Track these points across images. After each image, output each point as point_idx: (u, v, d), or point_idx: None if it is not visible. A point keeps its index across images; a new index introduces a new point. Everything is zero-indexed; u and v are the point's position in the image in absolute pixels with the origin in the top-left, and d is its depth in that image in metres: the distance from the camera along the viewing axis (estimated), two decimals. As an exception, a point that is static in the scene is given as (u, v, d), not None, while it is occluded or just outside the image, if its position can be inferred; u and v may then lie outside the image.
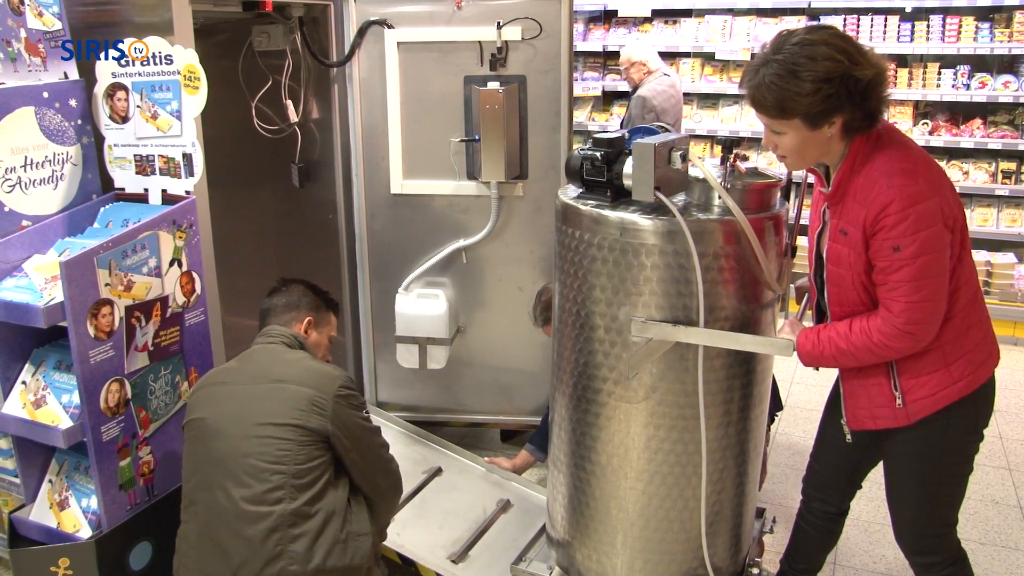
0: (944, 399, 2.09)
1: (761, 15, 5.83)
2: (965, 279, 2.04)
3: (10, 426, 2.51)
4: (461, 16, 3.24)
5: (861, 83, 1.88)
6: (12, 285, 2.44)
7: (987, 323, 2.13)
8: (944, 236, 1.92)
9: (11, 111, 2.45)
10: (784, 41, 1.91)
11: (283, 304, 2.57)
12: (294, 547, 2.19)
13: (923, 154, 2.00)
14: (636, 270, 2.20)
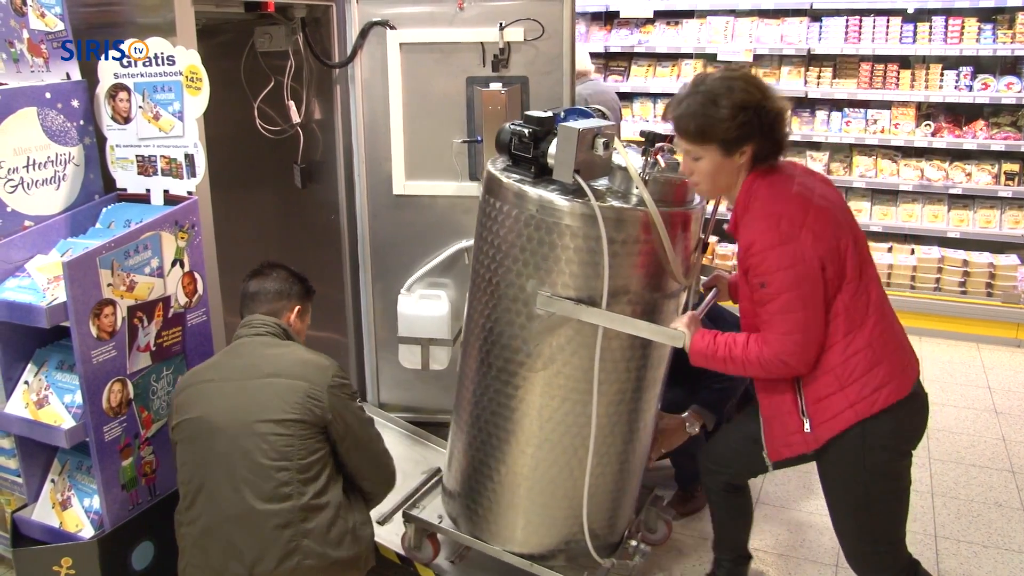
0: (843, 421, 2.20)
1: (763, 16, 5.83)
2: (847, 308, 2.17)
3: (13, 426, 2.52)
4: (463, 17, 3.24)
5: (771, 114, 2.11)
6: (15, 285, 2.45)
7: (888, 349, 2.21)
8: (806, 275, 2.10)
9: (14, 112, 2.46)
10: (705, 77, 2.14)
11: (274, 291, 2.52)
12: (308, 541, 2.21)
13: (796, 198, 2.16)
14: (548, 247, 2.30)
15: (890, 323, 2.26)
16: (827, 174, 5.65)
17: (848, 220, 2.23)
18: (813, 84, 5.68)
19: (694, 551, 3.23)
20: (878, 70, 5.53)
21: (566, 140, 2.23)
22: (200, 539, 2.25)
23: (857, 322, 2.18)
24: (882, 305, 2.24)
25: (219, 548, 2.22)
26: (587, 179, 2.27)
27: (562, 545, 2.66)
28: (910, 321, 5.34)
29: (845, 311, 2.17)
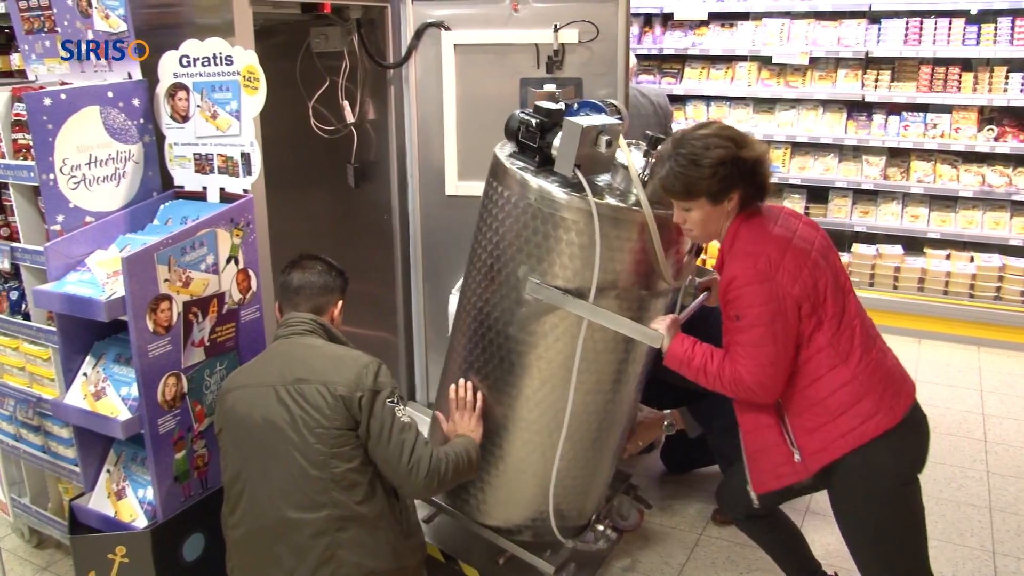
0: (836, 451, 2.26)
1: (820, 18, 5.73)
2: (831, 343, 2.25)
3: (71, 416, 2.58)
4: (518, 19, 3.24)
5: (748, 163, 2.21)
6: (75, 279, 2.50)
7: (875, 380, 2.26)
8: (780, 312, 2.20)
9: (77, 110, 2.52)
10: (683, 138, 2.23)
11: (320, 286, 2.47)
12: (343, 551, 2.19)
13: (776, 239, 2.26)
14: (543, 236, 2.37)
15: (877, 354, 2.31)
16: (883, 179, 5.58)
17: (829, 260, 2.32)
18: (871, 87, 5.58)
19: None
20: (939, 73, 5.41)
21: (570, 135, 2.29)
22: (242, 543, 2.28)
23: (842, 356, 2.25)
24: (868, 338, 2.31)
25: (260, 553, 2.23)
26: (589, 174, 2.32)
27: (528, 522, 2.74)
28: (968, 331, 5.26)
29: (829, 346, 2.25)
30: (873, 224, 5.68)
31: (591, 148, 2.32)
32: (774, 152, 5.94)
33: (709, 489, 3.59)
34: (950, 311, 5.30)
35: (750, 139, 2.26)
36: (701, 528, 3.35)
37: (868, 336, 2.31)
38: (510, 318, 2.49)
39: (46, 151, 2.46)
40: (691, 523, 3.38)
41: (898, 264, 5.50)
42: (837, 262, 2.36)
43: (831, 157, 5.83)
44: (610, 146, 2.34)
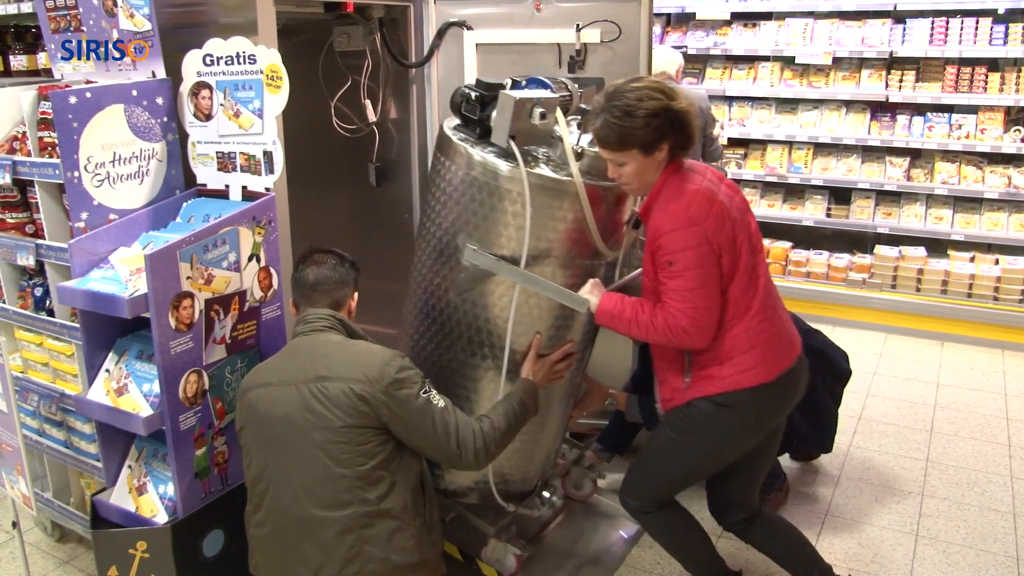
0: (713, 389, 2.43)
1: (844, 18, 5.69)
2: (735, 296, 2.38)
3: (94, 412, 2.60)
4: (540, 18, 3.23)
5: (679, 114, 2.30)
6: (99, 276, 2.52)
7: (763, 338, 2.41)
8: (709, 256, 2.30)
9: (102, 108, 2.53)
10: (616, 91, 2.31)
11: (336, 281, 2.45)
12: (370, 547, 2.19)
13: (701, 190, 2.35)
14: (488, 207, 2.44)
15: (772, 315, 2.46)
16: (907, 180, 5.53)
17: (746, 219, 2.44)
18: (895, 88, 5.53)
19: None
20: (964, 73, 5.35)
21: (504, 107, 2.38)
22: (267, 541, 2.27)
23: (742, 310, 2.39)
24: (767, 298, 2.45)
25: (285, 551, 2.23)
26: (525, 146, 2.43)
27: (473, 485, 2.79)
28: (992, 334, 5.21)
29: (733, 299, 2.38)
30: (896, 226, 5.63)
31: (526, 120, 2.40)
32: (796, 153, 5.90)
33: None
34: (974, 314, 5.25)
35: (679, 92, 2.35)
36: (720, 532, 3.33)
37: (769, 296, 2.46)
38: (451, 285, 2.56)
39: (71, 149, 2.48)
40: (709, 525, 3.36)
41: (921, 266, 5.45)
42: (753, 223, 2.48)
43: (854, 158, 5.78)
44: (544, 118, 2.42)
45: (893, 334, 5.45)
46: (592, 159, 2.45)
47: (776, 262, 5.88)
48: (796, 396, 2.57)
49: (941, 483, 3.67)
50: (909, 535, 3.29)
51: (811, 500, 3.54)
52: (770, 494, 3.37)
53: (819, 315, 5.43)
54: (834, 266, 5.72)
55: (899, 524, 3.37)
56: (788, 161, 5.93)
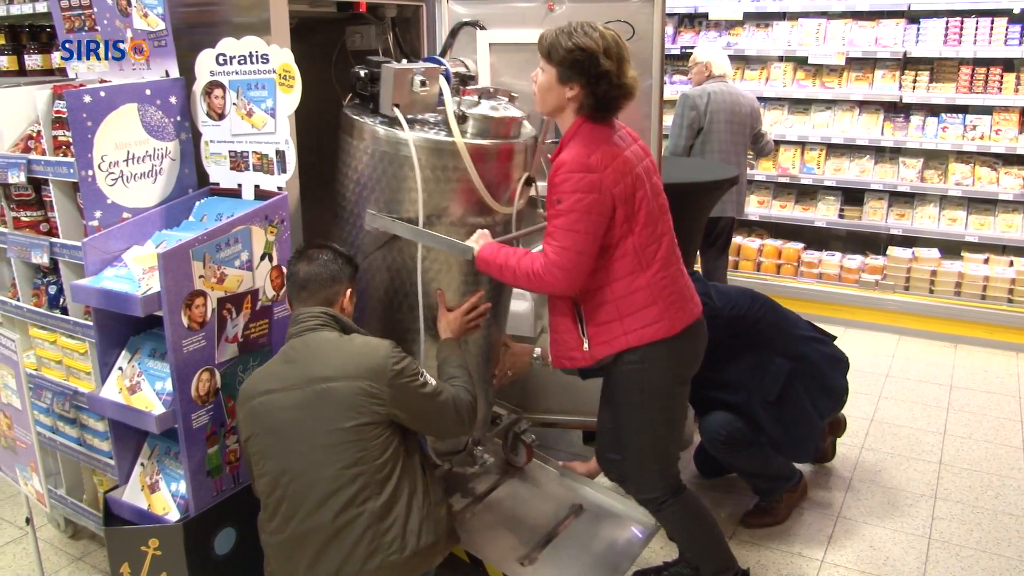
0: (617, 346, 2.50)
1: (857, 18, 5.67)
2: (636, 249, 2.45)
3: (107, 409, 2.61)
4: (553, 18, 3.23)
5: (599, 68, 2.36)
6: (112, 275, 2.53)
7: (665, 293, 2.49)
8: (597, 205, 2.36)
9: (116, 108, 2.55)
10: (586, 22, 2.44)
11: (328, 277, 2.42)
12: (387, 538, 2.21)
13: (612, 144, 2.43)
14: (382, 173, 2.62)
15: (674, 273, 2.54)
16: (920, 182, 5.51)
17: (651, 180, 2.52)
18: (908, 88, 5.50)
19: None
20: (979, 74, 5.32)
21: (385, 79, 2.57)
22: (284, 547, 2.26)
23: (643, 265, 2.46)
24: (670, 257, 2.53)
25: (304, 555, 2.23)
26: (411, 113, 2.62)
27: None
28: (1007, 336, 5.18)
29: (634, 252, 2.45)
30: (909, 227, 5.61)
31: (408, 89, 2.59)
32: (809, 153, 5.88)
33: (740, 492, 3.57)
34: (988, 316, 5.22)
35: (624, 64, 2.41)
36: (731, 532, 3.32)
37: (671, 255, 2.54)
38: (360, 249, 2.72)
39: (85, 148, 2.49)
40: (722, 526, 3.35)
41: (934, 268, 5.42)
42: (659, 184, 2.57)
43: (867, 159, 5.76)
44: (424, 85, 2.61)
45: (906, 336, 5.43)
46: (480, 121, 2.63)
47: (788, 263, 5.86)
48: (701, 343, 2.66)
49: (954, 486, 3.65)
50: (922, 538, 3.27)
51: (822, 502, 3.53)
52: (784, 492, 3.35)
53: (831, 316, 5.42)
54: (846, 267, 5.70)
55: (911, 527, 3.35)
56: (801, 162, 5.91)
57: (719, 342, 2.86)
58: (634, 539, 3.14)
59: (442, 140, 2.57)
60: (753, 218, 6.05)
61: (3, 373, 2.62)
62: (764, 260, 5.93)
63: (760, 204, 6.07)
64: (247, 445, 2.34)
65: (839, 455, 3.87)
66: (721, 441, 3.19)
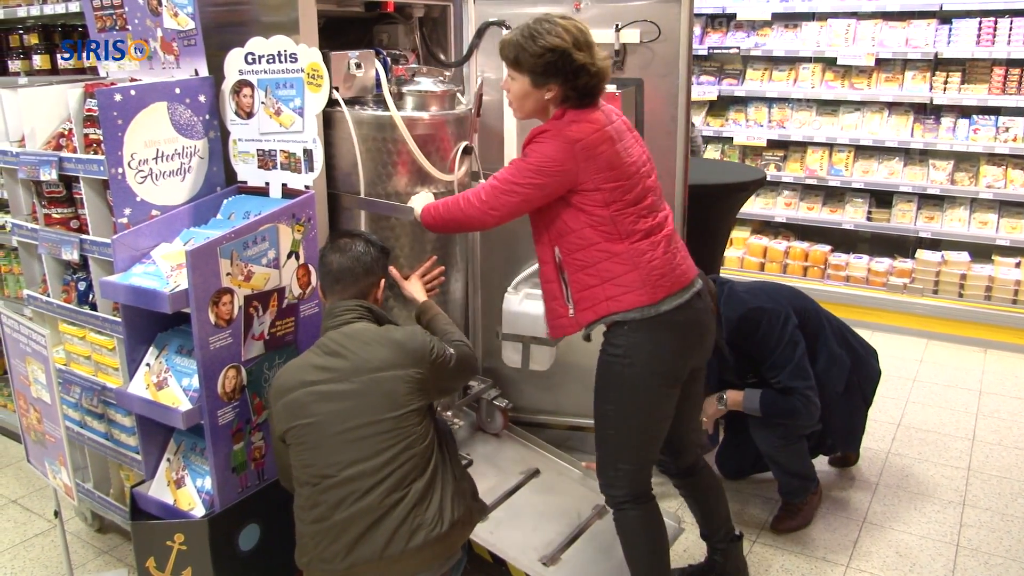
0: (601, 310, 2.47)
1: (887, 19, 5.61)
2: (614, 218, 2.42)
3: (134, 405, 2.63)
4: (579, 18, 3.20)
5: (574, 64, 2.36)
6: (141, 271, 2.56)
7: (644, 260, 2.44)
8: (542, 177, 2.38)
9: (146, 106, 2.57)
10: (544, 17, 2.43)
11: (362, 270, 2.45)
12: (428, 515, 2.27)
13: (597, 123, 2.41)
14: (331, 148, 2.81)
15: (664, 245, 2.49)
16: (950, 184, 5.44)
17: (638, 158, 2.50)
18: (939, 89, 5.44)
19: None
20: (1012, 75, 5.25)
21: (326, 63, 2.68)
22: (328, 534, 2.26)
23: (623, 233, 2.43)
24: (660, 230, 2.49)
25: (348, 537, 2.24)
26: (354, 94, 2.80)
27: None
28: (1041, 341, 5.12)
29: (611, 221, 2.42)
30: (939, 230, 5.55)
31: (346, 72, 2.74)
32: (837, 155, 5.83)
33: (764, 495, 3.54)
34: (1019, 321, 5.15)
35: (594, 49, 2.41)
36: (755, 534, 3.30)
37: (663, 229, 2.51)
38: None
39: (115, 146, 2.51)
40: (745, 529, 3.33)
41: (964, 271, 5.35)
42: (649, 163, 2.56)
43: (896, 161, 5.70)
44: (360, 67, 2.78)
45: (934, 340, 5.36)
46: (415, 97, 2.89)
47: (815, 265, 5.81)
48: (695, 334, 2.56)
49: (983, 493, 3.60)
50: (949, 545, 3.23)
51: (848, 507, 3.50)
52: (805, 498, 3.33)
53: (858, 320, 5.36)
54: (874, 270, 5.64)
55: (939, 534, 3.31)
56: (829, 164, 5.86)
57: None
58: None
59: (380, 115, 2.79)
60: (780, 220, 6.01)
61: (33, 368, 2.65)
62: (791, 262, 5.89)
63: (787, 206, 6.02)
64: (285, 437, 2.34)
65: (865, 460, 3.83)
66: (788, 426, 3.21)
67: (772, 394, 3.13)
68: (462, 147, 2.99)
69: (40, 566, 3.18)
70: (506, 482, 3.22)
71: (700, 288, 2.57)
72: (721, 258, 4.81)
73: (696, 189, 3.46)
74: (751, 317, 3.14)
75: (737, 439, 3.53)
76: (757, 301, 3.17)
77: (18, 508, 3.56)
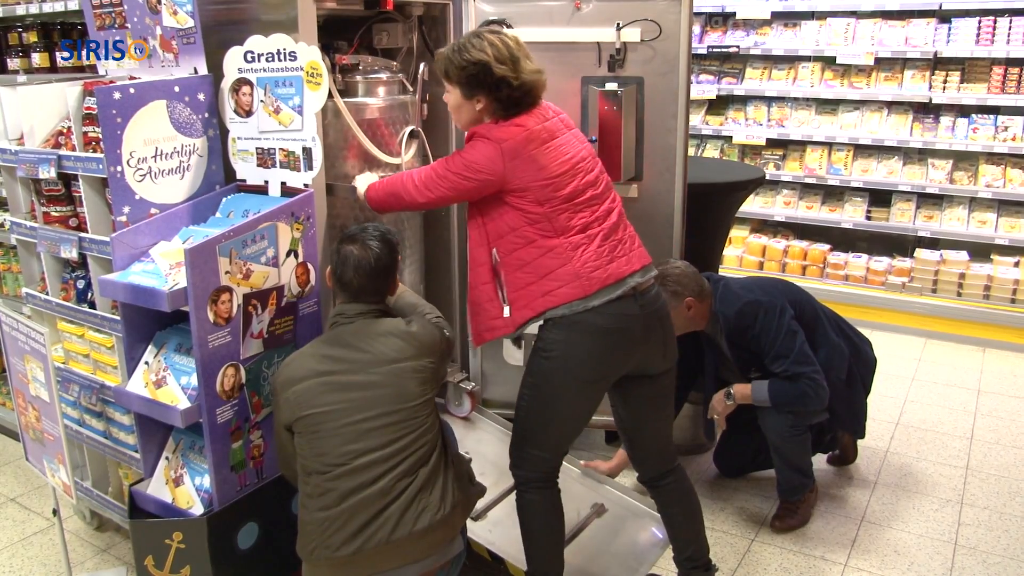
0: (537, 307, 2.51)
1: (887, 18, 5.61)
2: (548, 215, 2.47)
3: (133, 403, 2.63)
4: (580, 16, 3.22)
5: (493, 76, 2.45)
6: (140, 270, 2.55)
7: (579, 252, 2.47)
8: (469, 173, 2.48)
9: (145, 104, 2.56)
10: (473, 33, 2.55)
11: (383, 269, 2.47)
12: (432, 497, 2.33)
13: (518, 134, 2.47)
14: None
15: (596, 241, 2.50)
16: (949, 183, 5.44)
17: (578, 155, 2.54)
18: (939, 88, 5.44)
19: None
20: (1012, 74, 5.25)
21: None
22: (336, 520, 2.27)
23: (558, 230, 2.48)
24: (600, 225, 2.52)
25: (356, 525, 2.26)
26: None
27: None
28: (1038, 340, 5.12)
29: (547, 217, 2.48)
30: (938, 229, 5.55)
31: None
32: (836, 154, 5.83)
33: (762, 493, 3.55)
34: (1018, 320, 5.15)
35: (520, 63, 2.47)
36: (754, 533, 3.31)
37: (605, 223, 2.53)
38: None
39: (114, 144, 2.51)
40: (743, 528, 3.34)
41: (963, 271, 5.36)
42: (591, 162, 2.57)
43: (895, 160, 5.70)
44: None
45: (933, 339, 5.37)
46: (361, 84, 3.00)
47: (814, 264, 5.81)
48: (623, 338, 2.52)
49: (981, 492, 3.61)
50: (947, 544, 3.24)
51: (846, 505, 3.50)
52: (802, 495, 3.33)
53: (857, 318, 5.34)
54: (873, 269, 5.65)
55: (937, 532, 3.31)
56: (828, 163, 5.86)
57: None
58: (655, 540, 3.13)
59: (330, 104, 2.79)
60: (779, 219, 6.01)
61: (32, 366, 2.65)
62: (789, 261, 5.89)
63: (786, 205, 6.02)
64: (293, 426, 2.35)
65: (863, 458, 3.83)
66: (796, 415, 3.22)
67: (779, 383, 3.15)
68: (408, 131, 3.07)
69: (39, 564, 3.18)
70: (504, 481, 3.22)
71: (644, 284, 2.55)
72: (720, 257, 4.80)
73: (695, 188, 3.46)
74: (747, 311, 3.15)
75: (735, 436, 3.53)
76: (752, 295, 3.19)
77: (17, 506, 3.56)
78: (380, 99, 3.03)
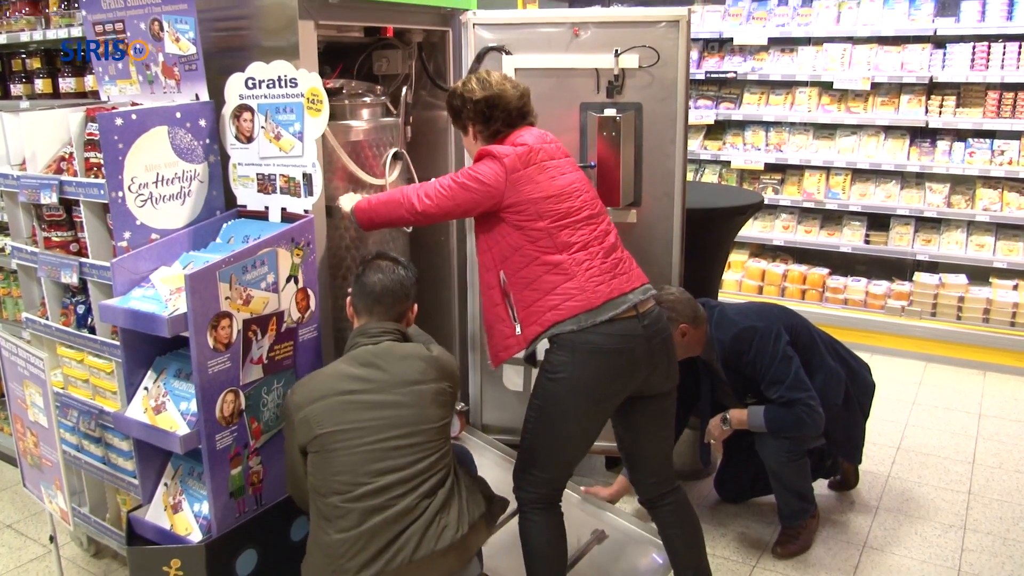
0: (545, 323, 2.56)
1: (883, 43, 5.65)
2: (549, 231, 2.57)
3: (132, 429, 2.62)
4: (579, 43, 3.24)
5: (470, 101, 2.68)
6: (140, 295, 2.55)
7: (583, 267, 2.56)
8: (473, 183, 2.59)
9: (147, 130, 2.58)
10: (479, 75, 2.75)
11: (403, 295, 2.56)
12: (451, 517, 2.34)
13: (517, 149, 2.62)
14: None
15: (599, 258, 2.59)
16: (947, 207, 5.47)
17: (572, 174, 2.67)
18: (935, 113, 5.47)
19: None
20: (1007, 98, 5.28)
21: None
22: (357, 542, 2.26)
23: (559, 247, 2.57)
24: (602, 243, 2.62)
25: (377, 546, 2.26)
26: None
27: None
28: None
29: (548, 233, 2.57)
30: (936, 253, 5.56)
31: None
32: (834, 178, 5.85)
33: (764, 519, 3.53)
34: (1017, 343, 5.15)
35: (494, 85, 2.68)
36: (755, 559, 3.28)
37: (605, 242, 2.63)
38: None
39: (116, 169, 2.52)
40: (744, 554, 3.32)
41: (962, 294, 5.36)
42: (585, 187, 2.69)
43: (893, 184, 5.72)
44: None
45: (933, 363, 5.36)
46: (348, 107, 3.07)
47: (813, 288, 5.82)
48: (626, 359, 2.56)
49: (984, 517, 3.59)
50: (951, 570, 3.22)
51: (848, 531, 3.48)
52: (803, 521, 3.31)
53: (856, 343, 5.36)
54: (872, 293, 5.65)
55: (939, 558, 3.29)
56: (826, 187, 5.89)
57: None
58: (655, 565, 3.11)
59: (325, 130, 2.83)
60: (778, 243, 6.03)
61: (31, 391, 2.65)
62: (788, 285, 5.90)
63: (785, 229, 6.04)
64: (309, 446, 2.34)
65: (865, 483, 3.82)
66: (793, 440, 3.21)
67: (775, 409, 3.14)
68: (391, 153, 3.14)
69: (35, 592, 3.16)
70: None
71: (646, 305, 2.60)
72: (719, 281, 4.80)
73: (694, 213, 3.47)
74: (743, 337, 3.15)
75: (735, 461, 3.52)
76: (747, 321, 3.19)
77: (13, 533, 3.54)
78: (364, 121, 3.11)
